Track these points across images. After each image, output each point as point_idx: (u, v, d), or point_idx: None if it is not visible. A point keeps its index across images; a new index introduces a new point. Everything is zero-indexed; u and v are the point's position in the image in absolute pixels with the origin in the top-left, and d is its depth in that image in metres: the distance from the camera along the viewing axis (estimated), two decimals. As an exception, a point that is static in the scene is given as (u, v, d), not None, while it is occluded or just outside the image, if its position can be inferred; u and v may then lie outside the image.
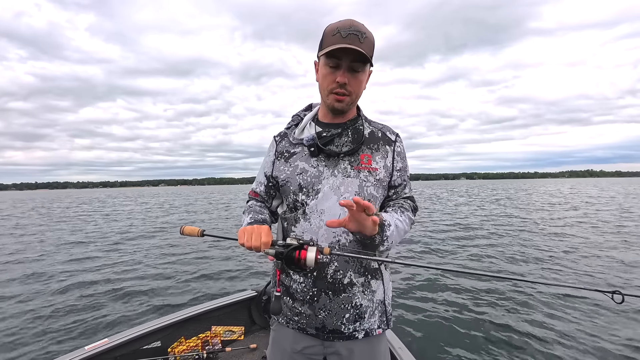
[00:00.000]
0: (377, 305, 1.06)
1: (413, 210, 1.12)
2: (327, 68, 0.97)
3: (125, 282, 5.54)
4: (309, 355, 1.07)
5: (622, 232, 9.07)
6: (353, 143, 1.04)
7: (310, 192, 1.02)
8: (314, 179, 1.02)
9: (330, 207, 1.00)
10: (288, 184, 1.06)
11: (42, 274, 6.18)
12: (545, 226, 10.16)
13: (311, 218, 1.01)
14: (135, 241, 9.64)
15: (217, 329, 2.43)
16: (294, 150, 1.09)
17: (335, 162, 1.03)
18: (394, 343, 1.89)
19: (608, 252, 6.60)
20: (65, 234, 11.25)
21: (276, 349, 1.12)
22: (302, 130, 1.10)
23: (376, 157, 1.05)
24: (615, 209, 15.16)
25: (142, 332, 2.04)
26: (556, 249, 6.98)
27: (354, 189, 1.01)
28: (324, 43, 0.95)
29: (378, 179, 1.04)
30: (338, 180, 1.01)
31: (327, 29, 0.96)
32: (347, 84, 0.97)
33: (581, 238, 8.16)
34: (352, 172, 1.02)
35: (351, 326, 1.02)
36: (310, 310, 1.02)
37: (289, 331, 1.08)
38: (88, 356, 1.76)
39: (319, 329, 1.03)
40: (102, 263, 6.95)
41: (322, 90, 1.03)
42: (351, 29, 0.92)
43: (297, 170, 1.05)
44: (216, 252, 7.52)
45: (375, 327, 1.06)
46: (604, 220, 11.37)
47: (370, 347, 1.06)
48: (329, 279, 1.00)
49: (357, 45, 0.91)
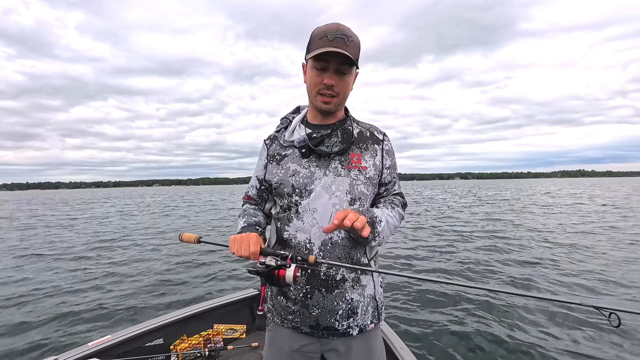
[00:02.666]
0: (368, 300, 1.07)
1: (403, 206, 1.16)
2: (315, 70, 0.99)
3: (129, 279, 5.56)
4: (307, 353, 1.08)
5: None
6: (343, 143, 1.07)
7: (304, 192, 1.04)
8: (307, 180, 1.04)
9: (323, 205, 1.02)
10: (282, 186, 1.07)
11: (46, 270, 6.19)
12: (572, 236, 8.87)
13: (304, 217, 1.03)
14: (137, 240, 9.63)
15: (219, 327, 2.44)
16: (285, 153, 1.10)
17: (327, 162, 1.05)
18: (392, 339, 1.91)
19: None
20: (72, 232, 11.16)
21: (273, 349, 1.12)
22: (292, 132, 1.11)
23: (365, 156, 1.07)
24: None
25: (145, 329, 2.05)
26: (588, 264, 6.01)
27: (345, 187, 1.03)
28: (312, 46, 0.97)
29: (368, 177, 1.06)
30: (330, 179, 1.03)
31: (315, 32, 0.98)
32: (334, 85, 0.99)
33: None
34: (343, 171, 1.04)
35: (345, 322, 1.03)
36: (303, 307, 1.04)
37: (285, 330, 1.09)
38: (91, 352, 1.77)
39: (313, 327, 1.04)
40: (106, 261, 6.95)
41: (310, 92, 1.05)
42: (337, 33, 0.95)
43: (289, 172, 1.07)
44: (218, 252, 7.54)
45: (369, 322, 1.07)
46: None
47: (366, 342, 1.08)
48: (322, 276, 1.02)
49: (344, 49, 0.94)
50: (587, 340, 3.28)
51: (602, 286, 4.76)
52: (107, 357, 1.84)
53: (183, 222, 14.33)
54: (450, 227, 10.50)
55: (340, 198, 1.02)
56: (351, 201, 1.03)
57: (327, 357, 1.09)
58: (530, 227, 10.32)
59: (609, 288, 4.70)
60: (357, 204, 1.04)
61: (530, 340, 3.27)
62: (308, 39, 1.01)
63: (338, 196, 1.02)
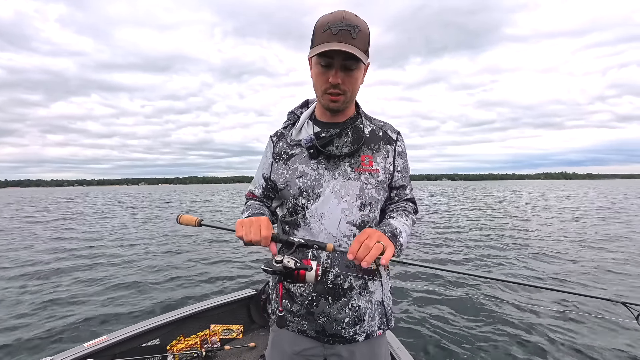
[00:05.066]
0: (376, 306, 1.04)
1: (415, 213, 1.10)
2: (319, 67, 0.92)
3: (125, 279, 5.49)
4: (309, 357, 1.05)
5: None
6: (353, 144, 1.01)
7: (311, 195, 0.99)
8: (315, 182, 0.99)
9: (331, 211, 0.97)
10: (287, 187, 1.02)
11: (41, 270, 6.07)
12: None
13: (311, 222, 0.98)
14: (135, 239, 9.49)
15: (216, 328, 2.42)
16: (292, 152, 1.05)
17: (336, 164, 1.00)
18: (393, 344, 1.91)
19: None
20: (58, 231, 10.87)
21: (275, 351, 1.09)
22: (299, 130, 1.05)
23: (377, 158, 1.02)
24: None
25: (142, 329, 2.02)
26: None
27: (355, 191, 0.98)
28: (315, 40, 0.89)
29: (379, 181, 1.01)
30: (339, 183, 0.98)
31: (318, 23, 0.90)
32: (340, 83, 0.92)
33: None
34: (352, 174, 0.99)
35: (351, 330, 1.00)
36: (309, 315, 1.01)
37: (289, 333, 1.06)
38: (87, 353, 1.74)
39: (319, 332, 1.01)
40: (102, 260, 6.84)
41: (317, 90, 0.98)
42: (342, 24, 0.85)
43: (296, 174, 1.01)
44: (215, 251, 7.48)
45: (376, 328, 1.04)
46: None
47: (371, 349, 1.05)
48: (329, 284, 0.98)
49: (350, 42, 0.85)
50: (613, 338, 3.28)
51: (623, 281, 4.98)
52: (103, 357, 1.81)
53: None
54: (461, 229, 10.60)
55: (350, 203, 0.97)
56: (361, 206, 0.98)
57: None
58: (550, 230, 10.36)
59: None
60: (367, 209, 0.99)
61: (552, 336, 3.31)
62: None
63: (347, 201, 0.97)
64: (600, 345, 3.19)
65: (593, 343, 3.22)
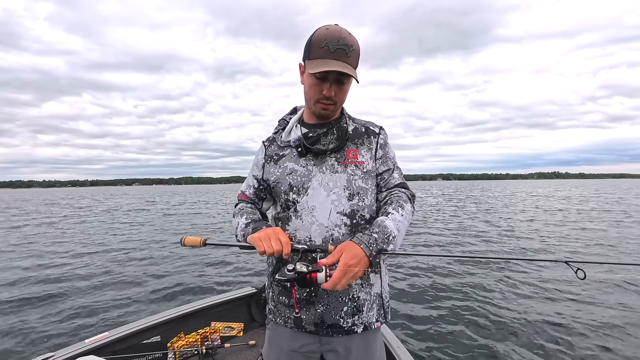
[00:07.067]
0: (374, 298, 1.07)
1: (411, 200, 1.06)
2: (314, 79, 0.97)
3: (126, 276, 5.51)
4: (306, 353, 1.07)
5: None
6: (338, 140, 1.07)
7: (301, 190, 1.04)
8: (304, 178, 1.05)
9: (321, 203, 1.02)
10: (279, 184, 1.07)
11: (41, 265, 6.07)
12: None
13: (302, 215, 1.03)
14: (135, 238, 9.47)
15: (217, 325, 2.42)
16: (282, 153, 1.11)
17: (323, 160, 1.06)
18: (390, 339, 1.93)
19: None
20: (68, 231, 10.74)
21: (272, 347, 1.11)
22: (289, 132, 1.12)
23: (362, 151, 1.08)
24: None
25: (142, 326, 2.03)
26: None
27: (342, 183, 1.03)
28: (312, 53, 0.95)
29: (366, 171, 1.06)
30: (326, 176, 1.04)
31: (315, 37, 0.95)
32: (333, 95, 0.99)
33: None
34: (339, 167, 1.05)
35: (350, 320, 1.03)
36: (309, 304, 1.03)
37: (286, 330, 1.08)
38: (88, 349, 1.74)
39: (317, 325, 1.03)
40: (103, 258, 6.85)
41: (309, 98, 1.04)
42: (340, 43, 0.93)
43: (286, 171, 1.07)
44: (216, 250, 7.47)
45: (374, 320, 1.07)
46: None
47: (366, 343, 1.07)
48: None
49: (344, 60, 0.93)
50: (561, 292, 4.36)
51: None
52: (104, 354, 1.80)
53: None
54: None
55: (339, 194, 1.02)
56: (349, 196, 1.03)
57: (326, 357, 1.09)
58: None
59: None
60: (355, 198, 1.03)
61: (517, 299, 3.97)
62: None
63: (336, 192, 1.02)
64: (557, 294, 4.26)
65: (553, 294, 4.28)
